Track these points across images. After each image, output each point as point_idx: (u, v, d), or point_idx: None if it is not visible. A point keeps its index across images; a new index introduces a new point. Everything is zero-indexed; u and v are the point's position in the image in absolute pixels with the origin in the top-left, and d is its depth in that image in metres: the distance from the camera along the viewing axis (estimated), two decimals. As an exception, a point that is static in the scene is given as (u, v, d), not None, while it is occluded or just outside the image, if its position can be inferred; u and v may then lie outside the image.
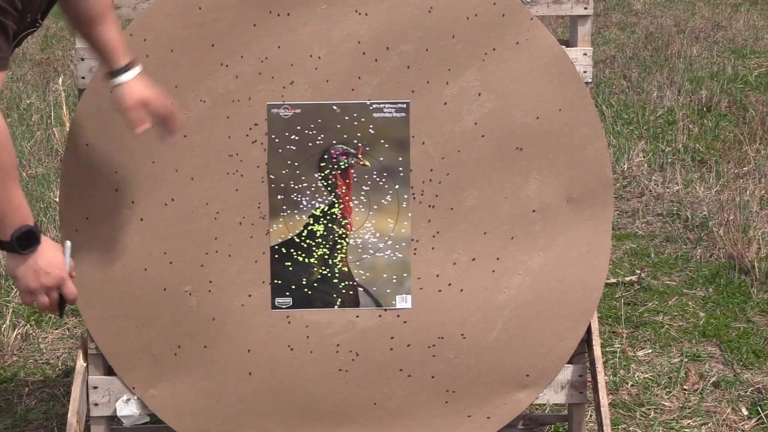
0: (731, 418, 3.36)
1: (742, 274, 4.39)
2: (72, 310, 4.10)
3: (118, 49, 2.45)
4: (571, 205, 2.82)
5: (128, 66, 2.46)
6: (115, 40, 2.45)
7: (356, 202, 2.81)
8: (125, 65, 2.46)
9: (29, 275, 2.24)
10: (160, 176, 2.75)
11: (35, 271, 2.24)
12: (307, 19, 2.71)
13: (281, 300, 2.83)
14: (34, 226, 2.23)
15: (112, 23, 2.46)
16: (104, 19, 2.44)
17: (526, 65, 2.76)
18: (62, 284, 2.29)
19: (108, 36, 2.44)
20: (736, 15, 9.94)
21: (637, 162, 5.82)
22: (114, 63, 2.46)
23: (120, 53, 2.46)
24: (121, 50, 2.46)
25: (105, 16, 2.44)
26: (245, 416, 2.87)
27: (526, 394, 2.90)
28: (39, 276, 2.25)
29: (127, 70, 2.46)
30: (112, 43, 2.44)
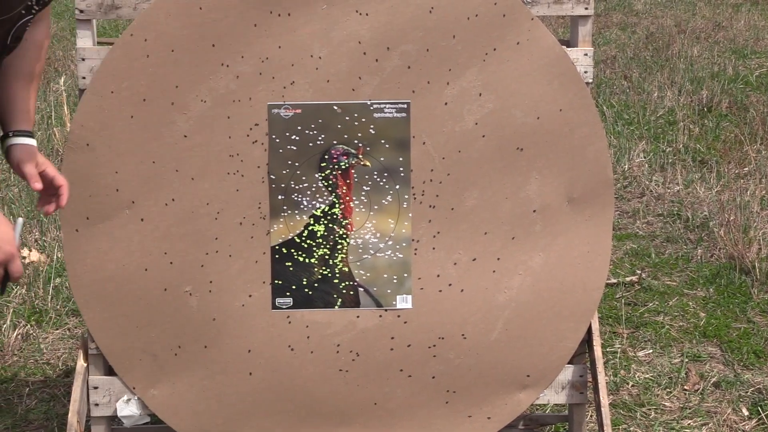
0: (732, 419, 3.36)
1: (743, 275, 4.39)
2: (72, 310, 4.11)
3: (26, 113, 2.38)
4: (571, 206, 2.82)
5: (29, 133, 2.38)
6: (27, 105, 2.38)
7: (357, 202, 2.81)
8: (26, 131, 2.37)
9: None
10: (160, 176, 2.75)
11: None
12: (308, 19, 2.71)
13: (282, 300, 2.83)
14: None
15: (32, 90, 2.39)
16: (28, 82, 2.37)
17: (527, 65, 2.76)
18: (11, 261, 2.21)
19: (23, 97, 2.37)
20: (736, 15, 9.94)
21: (637, 162, 5.82)
22: (16, 124, 2.37)
23: (26, 119, 2.38)
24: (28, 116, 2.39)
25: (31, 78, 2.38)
26: (246, 416, 2.87)
27: (526, 394, 2.90)
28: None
29: (26, 136, 2.37)
30: (23, 105, 2.37)
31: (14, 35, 2.27)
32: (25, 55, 2.35)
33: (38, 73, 2.40)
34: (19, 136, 2.35)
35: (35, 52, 2.38)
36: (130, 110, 2.71)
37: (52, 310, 4.14)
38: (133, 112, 2.71)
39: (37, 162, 2.38)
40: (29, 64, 2.37)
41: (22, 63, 2.35)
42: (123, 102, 2.71)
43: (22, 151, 2.35)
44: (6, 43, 2.28)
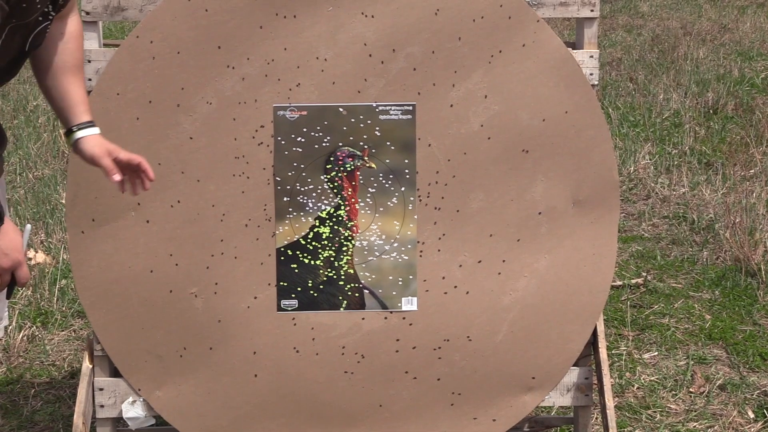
0: (737, 421, 3.35)
1: (749, 277, 4.38)
2: (78, 311, 4.11)
3: (83, 104, 2.41)
4: (577, 208, 2.82)
5: (91, 123, 2.41)
6: (81, 96, 2.41)
7: (362, 204, 2.81)
8: (88, 121, 2.40)
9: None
10: (166, 178, 2.75)
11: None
12: (314, 21, 2.71)
13: (287, 302, 2.83)
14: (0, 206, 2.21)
15: (81, 80, 2.43)
16: (75, 73, 2.41)
17: (533, 67, 2.76)
18: (18, 267, 2.24)
19: (75, 90, 2.40)
20: (742, 17, 9.93)
21: (643, 164, 5.82)
22: (76, 118, 2.40)
23: (84, 109, 2.41)
24: (85, 107, 2.41)
25: (77, 70, 2.41)
26: (251, 418, 2.87)
27: (531, 396, 2.89)
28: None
29: (90, 126, 2.40)
30: (77, 97, 2.40)
31: (33, 42, 2.27)
32: (66, 48, 2.38)
33: (82, 64, 2.45)
34: (83, 128, 2.38)
35: (74, 43, 2.40)
36: (135, 112, 2.72)
37: (57, 311, 4.15)
38: (139, 114, 2.72)
39: (109, 151, 2.40)
40: (73, 55, 2.40)
41: (66, 57, 2.38)
42: (129, 104, 2.71)
43: (91, 143, 2.38)
44: (25, 49, 2.29)
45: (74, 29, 2.41)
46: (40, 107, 7.17)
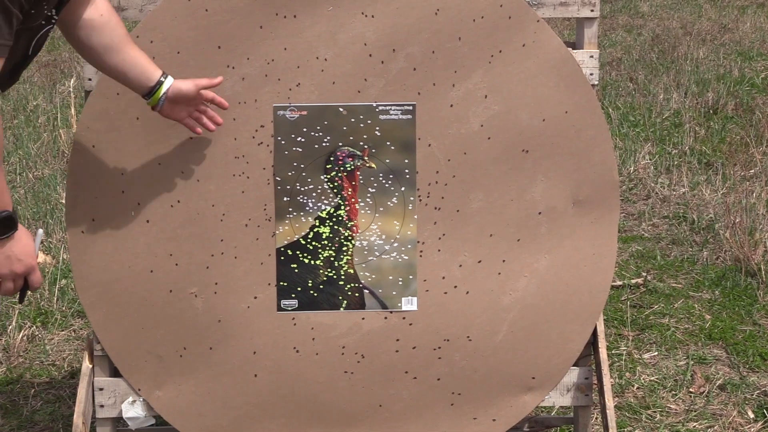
0: (737, 421, 3.35)
1: (749, 277, 4.39)
2: (78, 311, 4.11)
3: (150, 64, 2.53)
4: (577, 208, 2.82)
5: (165, 74, 2.54)
6: (144, 58, 2.52)
7: (362, 204, 2.81)
8: (162, 74, 2.54)
9: (2, 261, 2.22)
10: (166, 178, 2.75)
11: (8, 257, 2.22)
12: (314, 21, 2.71)
13: (287, 302, 2.83)
14: (13, 212, 2.22)
15: (136, 45, 2.53)
16: (130, 42, 2.51)
17: (533, 67, 2.76)
18: (31, 272, 2.27)
19: (139, 55, 2.52)
20: (742, 17, 9.93)
21: (643, 164, 5.82)
22: (152, 76, 2.53)
23: (153, 67, 2.53)
24: (152, 65, 2.54)
25: (129, 39, 2.51)
26: (251, 418, 2.87)
27: (531, 396, 2.89)
28: (12, 263, 2.24)
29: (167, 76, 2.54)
30: (142, 60, 2.52)
31: (35, 46, 2.30)
32: (111, 26, 2.47)
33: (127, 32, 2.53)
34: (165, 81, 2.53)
35: (115, 18, 2.49)
36: (136, 112, 2.71)
37: (57, 311, 4.15)
38: (139, 114, 2.71)
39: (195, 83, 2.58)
40: (121, 29, 2.49)
41: (117, 32, 2.47)
42: (129, 104, 2.71)
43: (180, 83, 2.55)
44: (28, 53, 2.31)
45: (107, 7, 2.48)
46: (40, 107, 7.17)
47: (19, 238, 2.23)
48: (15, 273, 2.25)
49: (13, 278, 2.26)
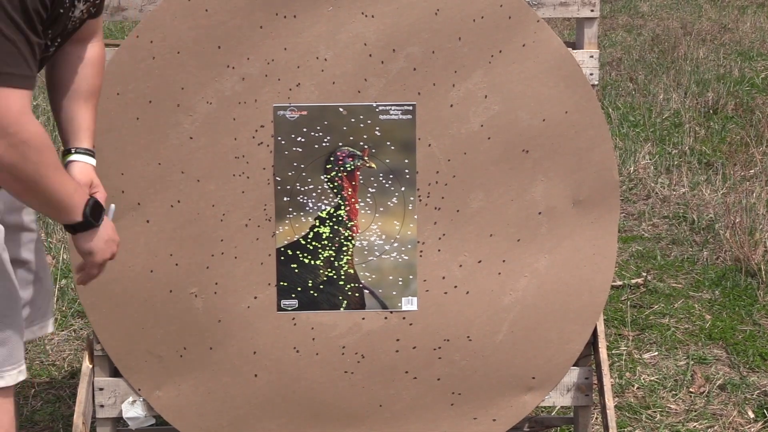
0: (737, 421, 3.35)
1: (749, 277, 4.39)
2: (78, 311, 4.11)
3: (88, 131, 2.31)
4: (577, 208, 2.82)
5: (89, 151, 2.30)
6: (89, 122, 2.31)
7: (362, 204, 2.81)
8: (87, 149, 2.30)
9: (103, 246, 2.20)
10: (166, 178, 2.75)
11: (107, 241, 2.21)
12: (314, 21, 2.71)
13: (287, 302, 2.83)
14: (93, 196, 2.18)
15: (93, 107, 2.33)
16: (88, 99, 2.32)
17: (533, 67, 2.76)
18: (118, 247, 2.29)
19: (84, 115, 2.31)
20: (742, 17, 9.93)
21: (643, 164, 5.82)
22: (77, 141, 2.30)
23: (88, 136, 2.31)
24: (90, 134, 2.31)
25: (91, 96, 2.33)
26: (251, 418, 2.87)
27: (532, 396, 2.90)
28: (111, 245, 2.23)
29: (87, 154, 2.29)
30: (84, 123, 2.31)
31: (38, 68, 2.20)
32: (83, 73, 2.30)
33: (98, 90, 2.35)
34: (80, 153, 2.28)
35: (92, 69, 2.32)
36: (135, 112, 2.72)
37: (57, 311, 4.15)
38: (139, 114, 2.72)
39: (92, 183, 2.30)
40: (88, 81, 2.31)
41: (80, 82, 2.30)
42: (129, 104, 2.71)
43: (78, 169, 2.27)
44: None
45: (94, 55, 2.33)
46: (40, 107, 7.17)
47: (106, 220, 2.21)
48: (113, 253, 2.25)
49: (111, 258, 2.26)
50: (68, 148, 2.28)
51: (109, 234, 2.22)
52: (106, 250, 2.22)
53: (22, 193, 2.01)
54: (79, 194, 2.11)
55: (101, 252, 2.21)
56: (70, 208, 2.09)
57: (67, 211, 2.09)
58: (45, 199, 2.03)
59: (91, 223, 2.15)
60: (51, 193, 2.02)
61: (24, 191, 2.00)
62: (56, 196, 2.04)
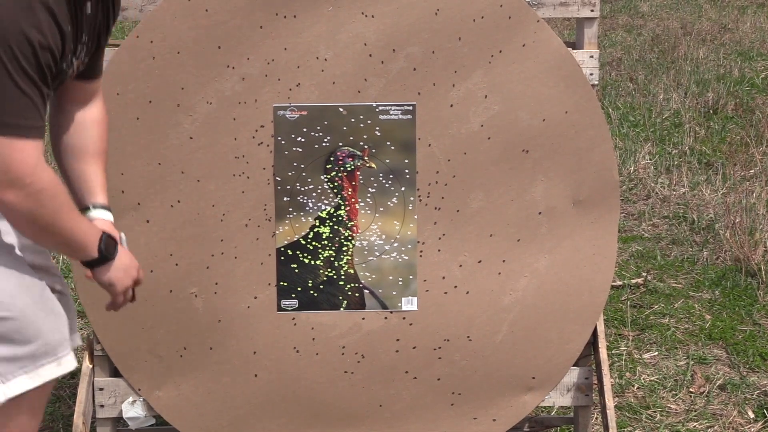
0: (737, 421, 3.35)
1: (749, 277, 4.38)
2: (78, 311, 4.10)
3: (101, 187, 2.34)
4: (577, 208, 2.82)
5: (106, 207, 2.33)
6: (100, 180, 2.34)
7: (362, 204, 2.81)
8: (104, 204, 2.33)
9: (122, 276, 2.26)
10: (166, 178, 2.75)
11: (125, 269, 2.26)
12: (314, 21, 2.71)
13: (287, 302, 2.83)
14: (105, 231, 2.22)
15: (102, 165, 2.35)
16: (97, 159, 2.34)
17: (533, 67, 2.76)
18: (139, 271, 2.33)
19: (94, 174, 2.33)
20: (742, 17, 9.93)
21: (643, 164, 5.82)
22: (93, 198, 2.33)
23: (101, 192, 2.34)
24: (103, 190, 2.34)
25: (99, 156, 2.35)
26: (251, 418, 2.87)
27: (532, 396, 2.90)
28: (129, 272, 2.27)
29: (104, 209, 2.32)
30: (96, 180, 2.33)
31: None
32: (88, 135, 2.32)
33: (105, 151, 2.37)
34: (98, 208, 2.32)
35: (97, 129, 2.34)
36: (135, 112, 2.72)
37: (57, 311, 4.14)
38: (139, 114, 2.72)
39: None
40: (95, 142, 2.34)
41: (87, 143, 2.32)
42: (129, 104, 2.71)
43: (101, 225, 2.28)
44: None
45: (97, 115, 2.34)
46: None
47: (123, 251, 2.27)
48: (134, 278, 2.30)
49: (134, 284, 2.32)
50: (86, 205, 2.32)
51: (126, 263, 2.27)
52: (125, 279, 2.27)
53: (39, 236, 2.08)
54: (92, 231, 2.17)
55: (121, 281, 2.27)
56: (85, 246, 2.15)
57: (83, 249, 2.16)
58: (61, 240, 2.10)
59: (107, 258, 2.21)
60: (67, 234, 2.09)
61: (41, 234, 2.07)
62: (72, 236, 2.11)
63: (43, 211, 2.02)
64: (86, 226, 2.16)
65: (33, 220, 2.03)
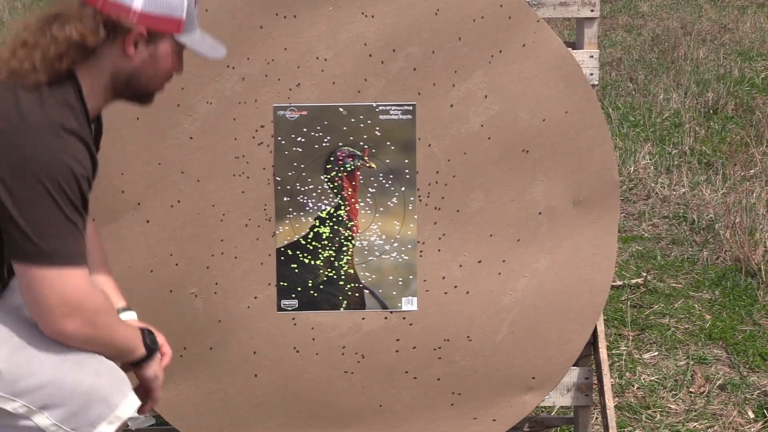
0: (737, 421, 3.35)
1: (749, 277, 4.39)
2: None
3: (116, 291, 2.43)
4: (577, 208, 2.82)
5: (126, 308, 2.42)
6: (113, 285, 2.43)
7: (362, 204, 2.81)
8: (126, 307, 2.42)
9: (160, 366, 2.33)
10: (166, 178, 2.75)
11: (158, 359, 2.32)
12: (314, 21, 2.71)
13: (287, 302, 2.83)
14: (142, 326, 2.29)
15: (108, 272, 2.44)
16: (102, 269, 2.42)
17: (533, 67, 2.76)
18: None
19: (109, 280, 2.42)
20: (742, 17, 9.93)
21: (643, 164, 5.82)
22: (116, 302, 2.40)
23: (119, 295, 2.43)
24: (119, 294, 2.43)
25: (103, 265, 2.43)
26: (251, 418, 2.87)
27: (532, 396, 2.90)
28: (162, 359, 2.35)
29: (128, 311, 2.41)
30: (112, 285, 2.42)
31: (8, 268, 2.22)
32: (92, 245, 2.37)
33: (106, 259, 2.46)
34: (122, 311, 2.39)
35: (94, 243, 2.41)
36: (135, 112, 2.71)
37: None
38: (139, 114, 2.72)
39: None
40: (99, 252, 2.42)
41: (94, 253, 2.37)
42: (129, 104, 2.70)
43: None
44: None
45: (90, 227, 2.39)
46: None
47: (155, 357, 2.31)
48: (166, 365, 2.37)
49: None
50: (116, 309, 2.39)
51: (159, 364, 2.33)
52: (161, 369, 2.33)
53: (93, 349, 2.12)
54: (136, 332, 2.24)
55: (162, 371, 2.33)
56: (134, 347, 2.23)
57: (133, 351, 2.23)
58: (114, 349, 2.17)
59: (154, 350, 2.27)
60: (119, 343, 2.17)
61: (95, 348, 2.11)
62: (124, 343, 2.19)
63: (99, 331, 2.09)
64: (131, 330, 2.22)
65: (91, 341, 2.09)
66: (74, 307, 2.01)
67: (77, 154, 2.01)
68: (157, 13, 2.08)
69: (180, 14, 2.11)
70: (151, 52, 2.12)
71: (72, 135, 2.01)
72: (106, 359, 2.15)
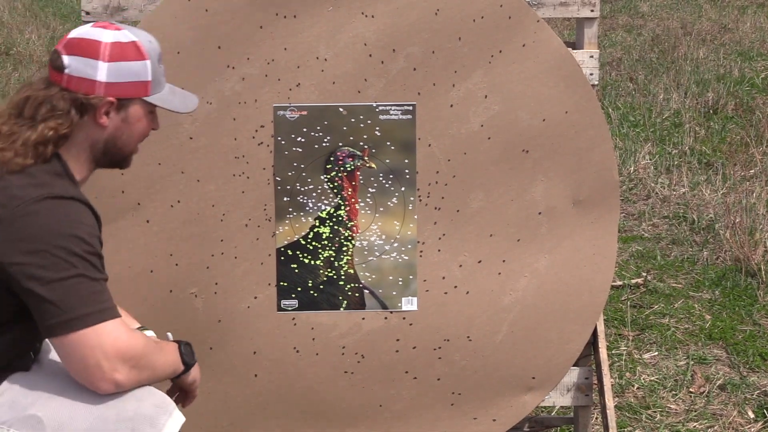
0: (737, 421, 3.35)
1: (749, 277, 4.39)
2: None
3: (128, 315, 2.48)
4: (577, 208, 2.82)
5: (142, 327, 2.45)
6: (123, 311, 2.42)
7: (362, 204, 2.81)
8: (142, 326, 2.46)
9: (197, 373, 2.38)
10: (166, 178, 2.75)
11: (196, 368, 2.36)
12: (314, 21, 2.71)
13: (287, 302, 2.83)
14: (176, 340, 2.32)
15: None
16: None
17: (533, 67, 2.76)
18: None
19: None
20: (742, 17, 9.93)
21: (643, 164, 5.82)
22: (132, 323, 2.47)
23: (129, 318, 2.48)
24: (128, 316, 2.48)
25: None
26: (251, 418, 2.87)
27: (532, 396, 2.89)
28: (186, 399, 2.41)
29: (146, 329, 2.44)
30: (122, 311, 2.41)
31: None
32: None
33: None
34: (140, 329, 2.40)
35: None
36: (135, 112, 2.71)
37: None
38: (139, 114, 2.71)
39: None
40: None
41: None
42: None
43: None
44: None
45: None
46: (40, 107, 7.16)
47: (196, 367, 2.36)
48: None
49: None
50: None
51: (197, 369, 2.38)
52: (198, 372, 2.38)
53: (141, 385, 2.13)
54: (173, 350, 2.26)
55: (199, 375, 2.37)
56: (175, 369, 2.26)
57: (174, 372, 2.27)
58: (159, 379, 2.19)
59: (191, 364, 2.31)
60: (162, 373, 2.20)
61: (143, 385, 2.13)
62: (166, 372, 2.22)
63: (147, 372, 2.11)
64: (170, 354, 2.24)
65: (141, 383, 2.11)
66: (119, 358, 2.03)
67: (81, 217, 2.05)
68: (123, 81, 2.12)
69: (145, 77, 2.15)
70: (123, 117, 2.17)
71: (71, 200, 2.05)
72: None
